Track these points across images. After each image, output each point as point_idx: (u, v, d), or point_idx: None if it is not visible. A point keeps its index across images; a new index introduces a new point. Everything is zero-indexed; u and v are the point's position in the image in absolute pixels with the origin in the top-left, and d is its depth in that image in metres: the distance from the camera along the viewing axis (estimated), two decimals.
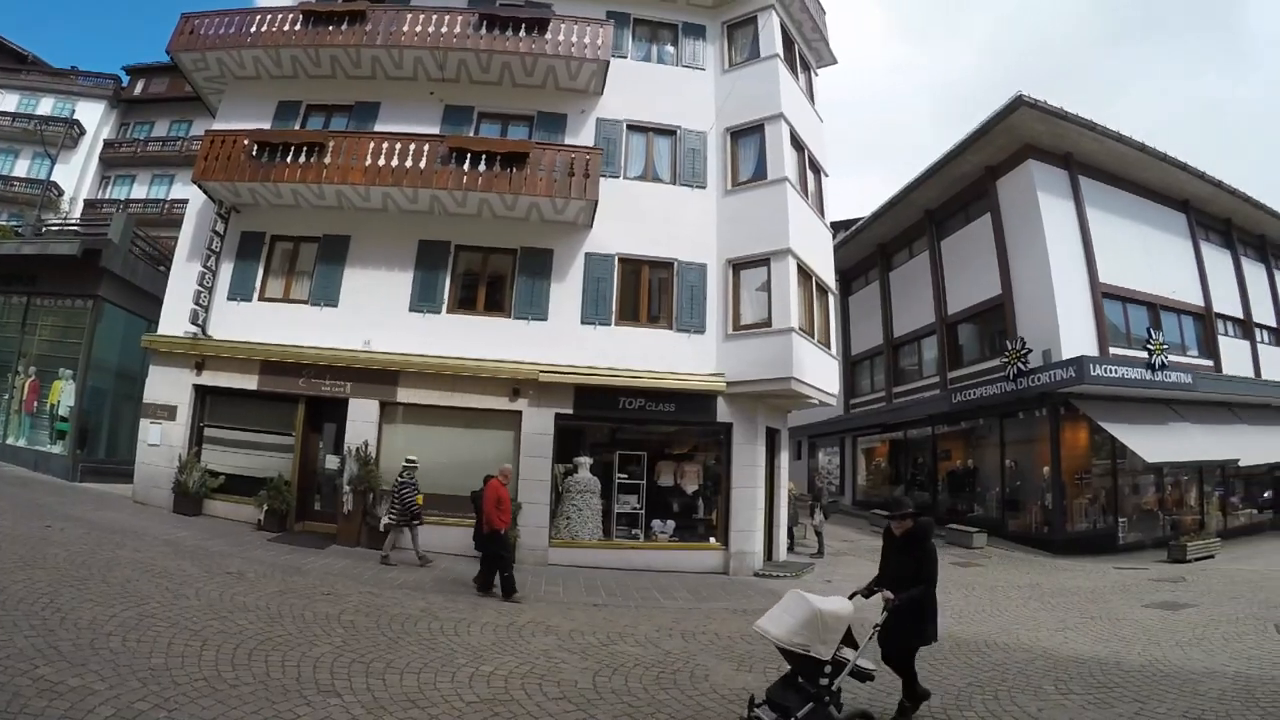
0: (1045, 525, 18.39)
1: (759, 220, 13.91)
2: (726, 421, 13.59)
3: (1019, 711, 6.03)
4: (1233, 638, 9.02)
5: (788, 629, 4.77)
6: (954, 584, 12.98)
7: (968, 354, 22.22)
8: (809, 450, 31.09)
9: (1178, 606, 11.18)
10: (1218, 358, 22.29)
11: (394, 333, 13.07)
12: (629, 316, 13.73)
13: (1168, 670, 7.44)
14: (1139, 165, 20.94)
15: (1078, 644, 8.67)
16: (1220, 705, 6.24)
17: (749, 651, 7.56)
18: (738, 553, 13.17)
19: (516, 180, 12.95)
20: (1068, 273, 18.77)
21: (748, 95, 14.75)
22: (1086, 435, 18.87)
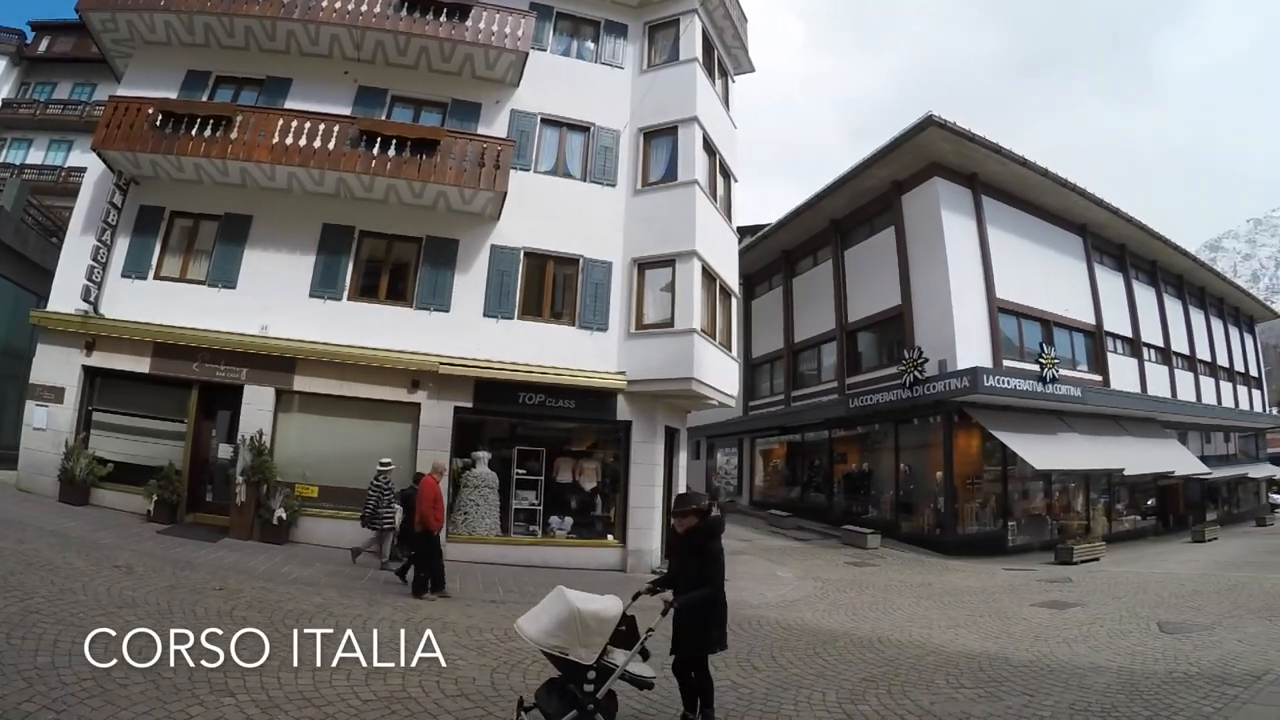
0: (938, 527, 19.15)
1: (667, 221, 14.01)
2: (626, 420, 13.67)
3: (912, 705, 6.19)
4: (1117, 635, 9.41)
5: (543, 629, 4.48)
6: (849, 584, 13.56)
7: (866, 361, 22.98)
8: (708, 450, 31.66)
9: (1064, 606, 11.64)
10: (1106, 373, 23.65)
11: (293, 318, 12.65)
12: (532, 311, 13.64)
13: (1055, 665, 7.72)
14: (1040, 189, 22.05)
15: (968, 641, 8.96)
16: (1105, 698, 6.47)
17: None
18: (635, 550, 13.25)
19: (426, 168, 12.73)
20: (966, 287, 19.56)
21: (664, 97, 14.82)
22: (979, 442, 19.74)
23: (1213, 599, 12.08)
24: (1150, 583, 14.26)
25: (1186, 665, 7.65)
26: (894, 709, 6.06)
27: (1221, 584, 13.90)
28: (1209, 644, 8.71)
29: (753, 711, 5.88)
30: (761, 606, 10.79)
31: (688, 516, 5.24)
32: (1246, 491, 37.16)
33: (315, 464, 11.65)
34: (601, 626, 4.49)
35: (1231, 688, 6.71)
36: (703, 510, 5.31)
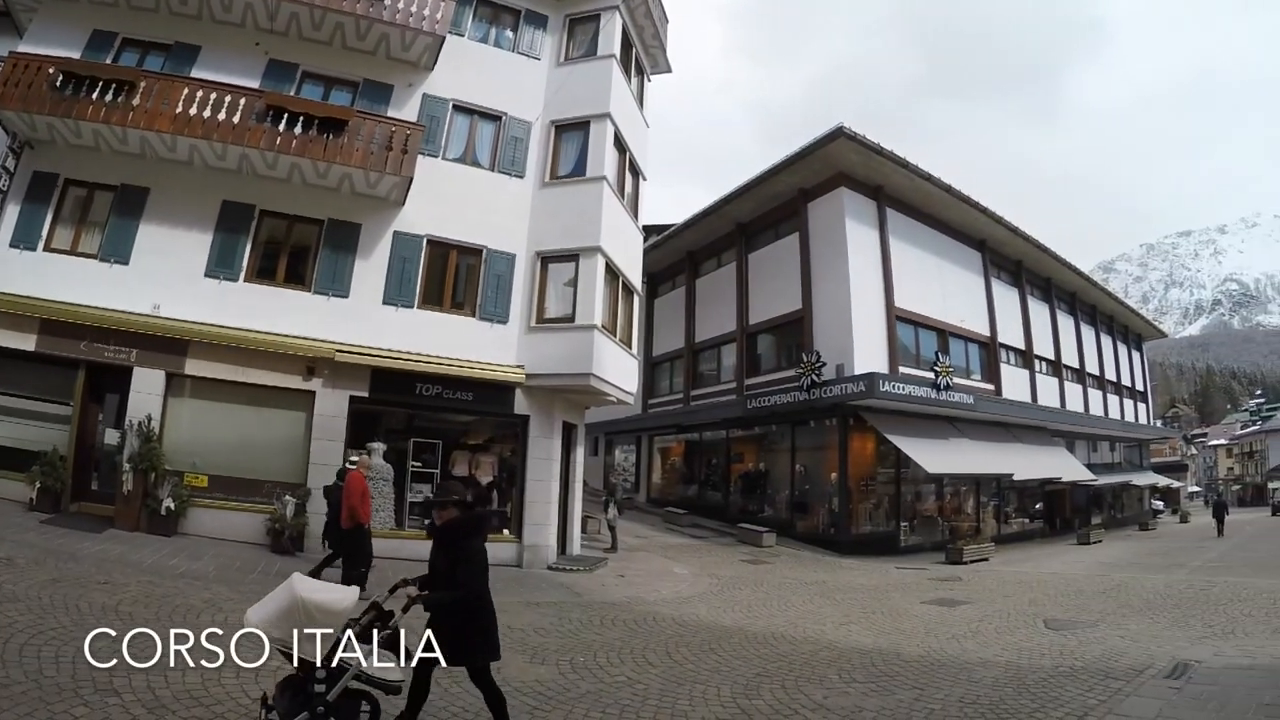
0: (832, 527, 20.00)
1: (573, 216, 14.22)
2: (524, 414, 13.82)
3: (805, 699, 6.34)
4: (1005, 631, 9.77)
5: (265, 618, 4.07)
6: (744, 581, 13.83)
7: (765, 363, 23.76)
8: (606, 447, 31.99)
9: (954, 603, 12.06)
10: (999, 382, 25.18)
11: (187, 298, 12.23)
12: (433, 301, 13.59)
13: (945, 660, 7.97)
14: (944, 204, 23.32)
15: (861, 637, 9.24)
16: (994, 692, 6.71)
17: (542, 645, 7.69)
18: (531, 546, 13.42)
19: (332, 148, 12.51)
20: (866, 295, 20.50)
21: (578, 91, 14.95)
22: (873, 445, 20.72)
23: (1097, 598, 12.66)
24: (1037, 582, 14.95)
25: (1072, 660, 8.00)
26: (788, 703, 6.21)
27: (1105, 584, 14.53)
28: (1093, 640, 9.09)
29: (648, 707, 5.95)
30: (657, 603, 10.99)
31: (447, 508, 4.84)
32: (1130, 498, 40.04)
33: (205, 452, 11.37)
34: (328, 619, 4.06)
35: (1115, 681, 7.01)
36: (464, 503, 4.94)
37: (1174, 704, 6.25)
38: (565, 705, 5.81)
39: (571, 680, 6.49)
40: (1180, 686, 6.78)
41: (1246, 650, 8.23)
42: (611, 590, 11.81)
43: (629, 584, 12.49)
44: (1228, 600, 11.92)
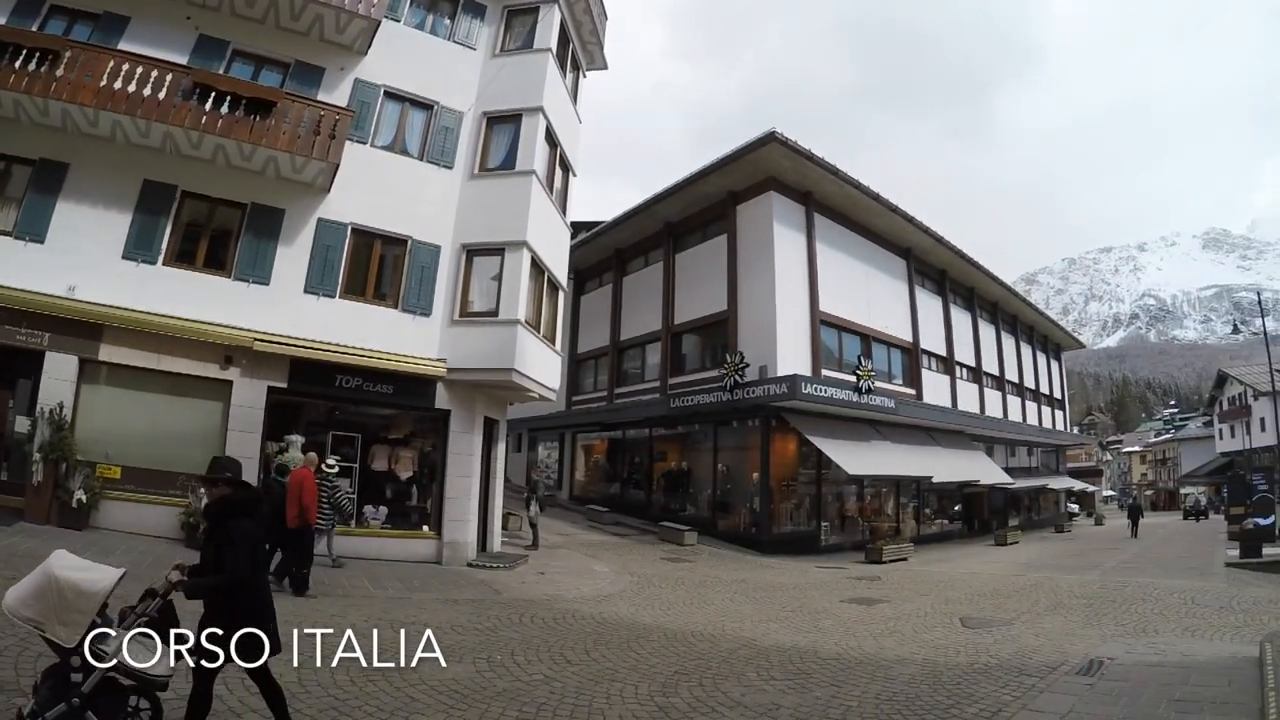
0: (753, 526, 20.61)
1: (500, 209, 14.34)
2: (445, 408, 13.90)
3: (723, 696, 6.45)
4: (922, 629, 10.05)
5: (19, 597, 3.75)
6: (665, 579, 14.06)
7: (690, 363, 24.32)
8: (529, 443, 32.17)
9: (873, 602, 12.45)
10: (920, 387, 26.44)
11: (103, 281, 11.83)
12: (355, 291, 13.49)
13: (862, 658, 8.19)
14: (871, 212, 24.33)
15: (779, 635, 9.40)
16: (910, 688, 6.90)
17: (459, 642, 7.69)
18: (451, 542, 13.48)
19: (259, 129, 12.29)
20: (791, 298, 21.21)
21: (512, 83, 15.01)
22: (795, 446, 21.45)
23: (1012, 597, 13.13)
24: (955, 582, 15.48)
25: (987, 657, 8.25)
26: (705, 700, 6.32)
27: (1021, 584, 15.09)
28: (1008, 638, 9.40)
29: (565, 705, 5.97)
30: (577, 600, 11.16)
31: (218, 485, 4.53)
32: (1047, 501, 42.32)
33: (119, 443, 11.08)
34: (82, 601, 3.76)
35: (1029, 678, 7.28)
36: (238, 480, 4.61)
37: (1086, 699, 6.49)
38: (481, 704, 5.82)
39: (488, 678, 6.51)
40: (1093, 683, 7.06)
41: (1157, 647, 8.62)
42: (531, 587, 11.91)
43: (549, 581, 12.64)
44: (1140, 599, 12.52)
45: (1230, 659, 7.83)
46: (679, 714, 5.97)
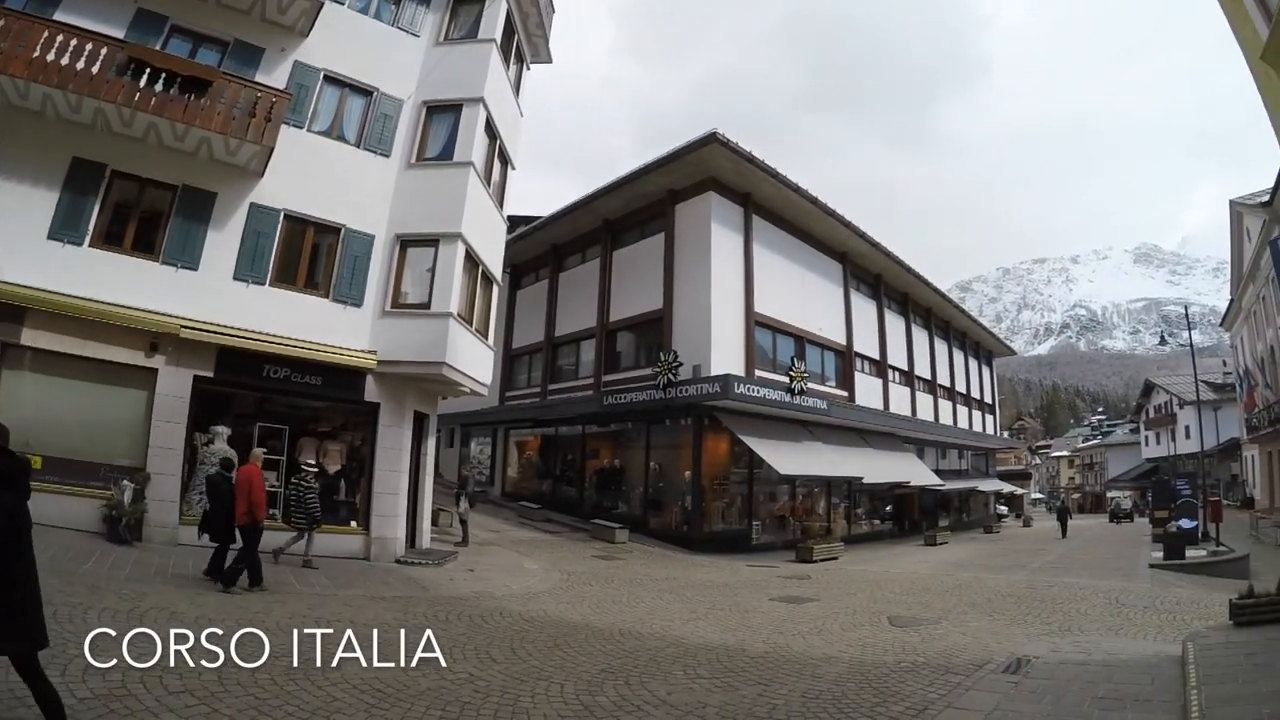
0: (685, 524, 21.17)
1: (436, 200, 14.43)
2: (374, 401, 13.93)
3: (649, 695, 6.49)
4: (850, 628, 10.26)
5: None
6: (595, 576, 14.24)
7: (624, 361, 24.72)
8: (462, 439, 32.27)
9: (802, 600, 12.68)
10: (853, 389, 27.54)
11: (27, 262, 11.41)
12: (286, 279, 13.36)
13: (790, 656, 8.31)
14: (809, 216, 25.19)
15: (708, 633, 9.55)
16: (836, 686, 7.02)
17: (385, 640, 7.54)
18: (379, 538, 13.49)
19: (193, 109, 12.03)
20: (727, 298, 21.82)
21: (454, 73, 15.11)
22: (727, 446, 22.06)
23: (940, 596, 13.50)
24: (884, 581, 15.91)
25: (914, 656, 8.46)
26: (631, 699, 6.36)
27: (949, 583, 15.50)
28: (935, 636, 9.65)
29: (489, 705, 5.98)
30: (505, 598, 11.20)
31: None
32: (977, 503, 44.35)
33: (40, 431, 10.71)
34: None
35: (955, 676, 7.44)
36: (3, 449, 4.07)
37: (1011, 697, 6.69)
38: (404, 703, 5.82)
39: (412, 677, 6.44)
40: (1018, 681, 7.27)
41: (1082, 646, 8.90)
42: (460, 585, 11.93)
43: (478, 579, 12.69)
44: (1065, 599, 12.94)
45: (1153, 657, 8.13)
46: (604, 713, 6.02)
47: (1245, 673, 6.69)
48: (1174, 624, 10.50)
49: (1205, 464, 38.08)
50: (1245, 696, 5.98)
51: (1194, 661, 7.17)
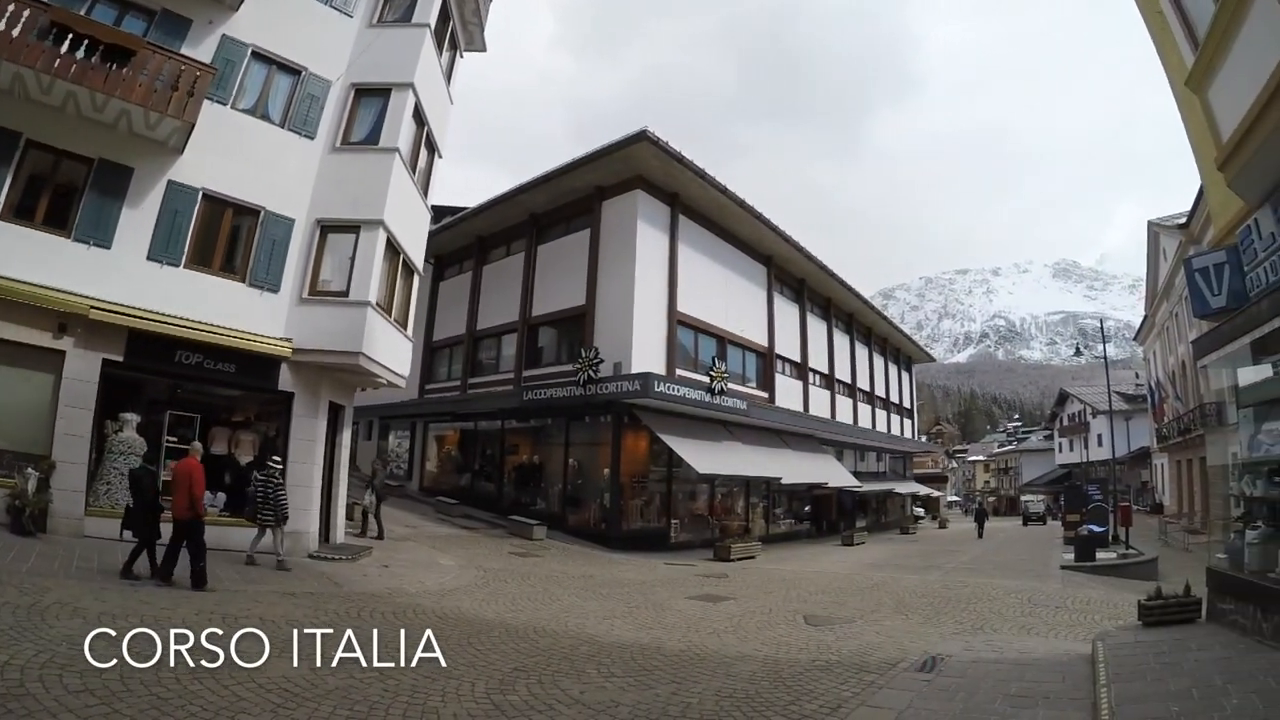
0: (603, 522, 21.68)
1: (359, 185, 14.45)
2: (289, 391, 13.91)
3: (561, 694, 6.61)
4: (765, 626, 10.55)
5: None
6: (511, 573, 14.40)
7: (546, 356, 25.12)
8: (380, 431, 32.23)
9: (719, 599, 13.02)
10: (773, 391, 28.59)
11: None
12: (202, 261, 13.14)
13: (704, 655, 8.55)
14: (736, 218, 26.02)
15: (623, 631, 9.74)
16: (751, 685, 7.21)
17: (291, 637, 7.60)
18: (292, 533, 13.14)
19: (114, 79, 11.67)
20: (650, 296, 22.37)
21: (386, 56, 15.11)
22: (647, 444, 22.74)
23: (856, 596, 14.03)
24: (800, 580, 16.37)
25: (829, 654, 8.75)
26: (543, 698, 6.47)
27: (865, 583, 16.11)
28: (850, 635, 10.01)
29: (398, 704, 6.02)
30: (419, 595, 11.28)
31: None
32: (894, 504, 46.55)
33: None
34: None
35: (869, 674, 7.74)
36: None
37: (924, 695, 6.93)
38: (311, 702, 5.83)
39: (321, 675, 6.47)
40: (931, 679, 7.55)
41: (994, 645, 9.32)
42: (374, 581, 11.99)
43: (392, 575, 12.77)
44: (978, 599, 13.55)
45: (1064, 656, 8.54)
46: (515, 711, 6.11)
47: (1153, 671, 7.00)
48: (1084, 624, 11.06)
49: (1116, 471, 40.96)
50: (1153, 694, 6.26)
51: (1104, 660, 7.56)
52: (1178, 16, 7.88)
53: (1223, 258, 8.61)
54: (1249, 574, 8.12)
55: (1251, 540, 8.17)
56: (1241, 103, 6.41)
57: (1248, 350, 8.08)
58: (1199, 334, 9.73)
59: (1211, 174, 7.88)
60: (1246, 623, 7.94)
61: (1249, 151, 6.58)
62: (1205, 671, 6.71)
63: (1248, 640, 7.67)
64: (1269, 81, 5.78)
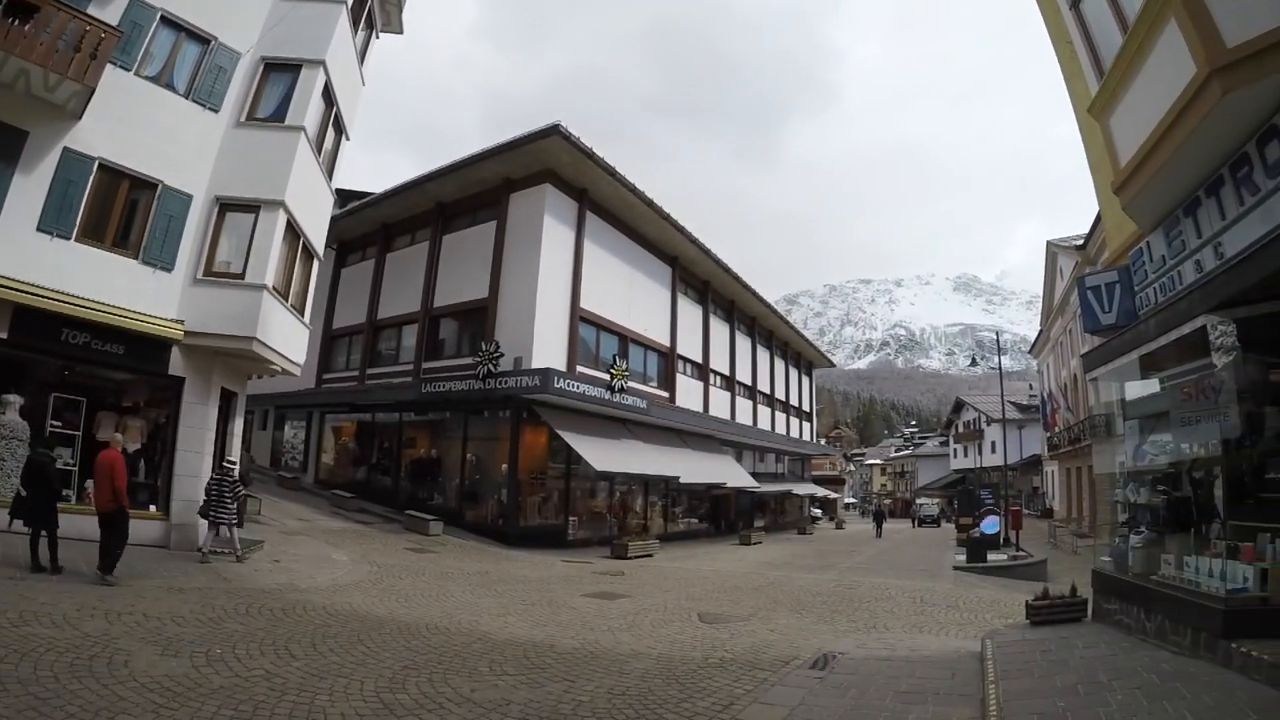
0: (501, 518, 22.12)
1: (262, 163, 14.38)
2: (180, 375, 13.72)
3: (452, 692, 6.66)
4: (660, 624, 10.81)
5: None
6: (405, 569, 14.60)
7: (447, 348, 25.44)
8: (276, 421, 31.79)
9: (614, 596, 13.34)
10: (674, 391, 29.72)
11: None
12: (95, 235, 12.69)
13: (598, 652, 8.69)
14: (644, 218, 26.94)
15: (517, 629, 9.88)
16: (643, 683, 7.35)
17: (178, 635, 7.67)
18: (180, 525, 13.33)
19: (15, 35, 11.13)
20: (553, 292, 22.97)
21: (299, 30, 15.08)
22: (546, 440, 23.32)
23: (751, 594, 14.48)
24: (697, 579, 16.88)
25: (722, 652, 9.02)
26: (434, 697, 6.52)
27: (761, 582, 16.59)
28: (744, 633, 10.32)
29: (284, 703, 6.00)
30: (310, 591, 11.29)
31: None
32: (792, 505, 48.42)
33: None
34: None
35: (762, 672, 7.96)
36: None
37: (816, 692, 7.16)
38: (195, 702, 5.80)
39: (205, 674, 6.51)
40: (823, 676, 7.81)
41: (886, 643, 9.70)
42: (264, 576, 12.01)
43: (283, 570, 12.80)
44: (872, 598, 14.21)
45: (954, 653, 8.90)
46: (404, 711, 6.14)
47: (1040, 668, 7.33)
48: (975, 622, 11.65)
49: (1009, 476, 43.92)
50: (1040, 690, 6.54)
51: (992, 657, 7.89)
52: (1086, 47, 8.34)
53: (1114, 277, 9.28)
54: (1133, 576, 8.55)
55: (1135, 544, 8.63)
56: (1140, 131, 6.82)
57: (1136, 365, 8.52)
58: (1089, 348, 10.40)
59: (1108, 198, 8.40)
60: (1130, 622, 8.40)
61: (1145, 177, 7.02)
62: (1091, 668, 7.05)
63: (1131, 639, 8.09)
64: (1168, 111, 6.19)
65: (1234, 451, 7.09)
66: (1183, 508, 7.87)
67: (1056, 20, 9.41)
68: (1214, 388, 7.31)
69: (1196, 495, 7.69)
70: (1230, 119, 5.83)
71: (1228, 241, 6.61)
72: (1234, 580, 6.57)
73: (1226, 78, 5.39)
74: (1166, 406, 8.53)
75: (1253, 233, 6.16)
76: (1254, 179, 6.12)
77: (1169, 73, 6.08)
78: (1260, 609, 6.36)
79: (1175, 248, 7.66)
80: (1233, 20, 5.36)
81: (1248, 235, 6.24)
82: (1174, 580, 7.57)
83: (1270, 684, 5.63)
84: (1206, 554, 7.11)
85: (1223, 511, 7.05)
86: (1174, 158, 6.45)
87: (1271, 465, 6.79)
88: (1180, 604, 7.26)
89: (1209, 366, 7.17)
